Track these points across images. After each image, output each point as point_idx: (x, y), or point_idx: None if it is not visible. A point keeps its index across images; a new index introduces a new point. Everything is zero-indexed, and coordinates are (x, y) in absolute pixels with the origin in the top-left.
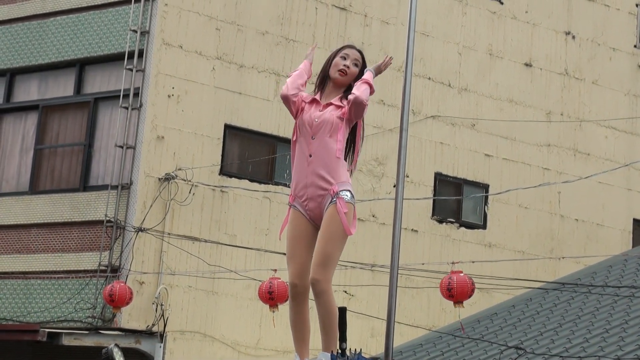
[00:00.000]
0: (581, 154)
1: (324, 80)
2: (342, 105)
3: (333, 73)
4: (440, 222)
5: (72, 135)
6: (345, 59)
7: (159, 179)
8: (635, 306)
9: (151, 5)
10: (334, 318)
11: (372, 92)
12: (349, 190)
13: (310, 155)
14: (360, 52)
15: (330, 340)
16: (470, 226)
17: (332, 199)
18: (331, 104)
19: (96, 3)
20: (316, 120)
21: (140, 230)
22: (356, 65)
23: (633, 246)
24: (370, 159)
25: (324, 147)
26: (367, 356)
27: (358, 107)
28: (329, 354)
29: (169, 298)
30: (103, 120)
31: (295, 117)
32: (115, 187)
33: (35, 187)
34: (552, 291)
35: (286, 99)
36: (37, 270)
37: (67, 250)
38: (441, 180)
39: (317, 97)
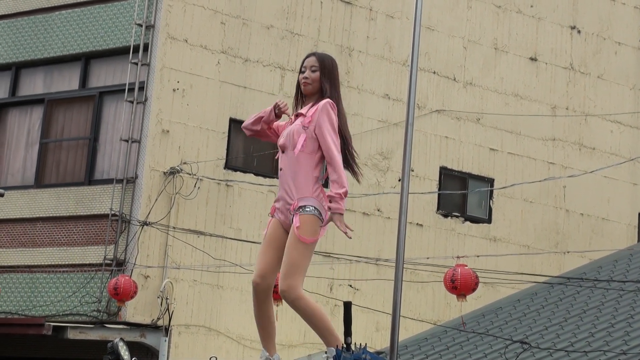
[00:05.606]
0: (586, 149)
1: (299, 98)
2: (306, 114)
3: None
4: (445, 216)
5: (77, 129)
6: (303, 72)
7: (164, 172)
8: None
9: None
10: (319, 317)
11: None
12: (312, 206)
13: (281, 169)
14: (315, 54)
15: (327, 337)
16: (475, 220)
17: (292, 215)
18: (300, 114)
19: None
20: (284, 135)
21: (145, 224)
22: (314, 70)
23: (638, 240)
24: (375, 153)
25: (289, 161)
26: (372, 350)
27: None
28: (334, 349)
29: (174, 292)
30: (108, 114)
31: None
32: (120, 181)
33: (40, 181)
34: (557, 285)
35: (246, 129)
36: (43, 264)
37: (72, 244)
38: (446, 175)
39: (294, 116)
